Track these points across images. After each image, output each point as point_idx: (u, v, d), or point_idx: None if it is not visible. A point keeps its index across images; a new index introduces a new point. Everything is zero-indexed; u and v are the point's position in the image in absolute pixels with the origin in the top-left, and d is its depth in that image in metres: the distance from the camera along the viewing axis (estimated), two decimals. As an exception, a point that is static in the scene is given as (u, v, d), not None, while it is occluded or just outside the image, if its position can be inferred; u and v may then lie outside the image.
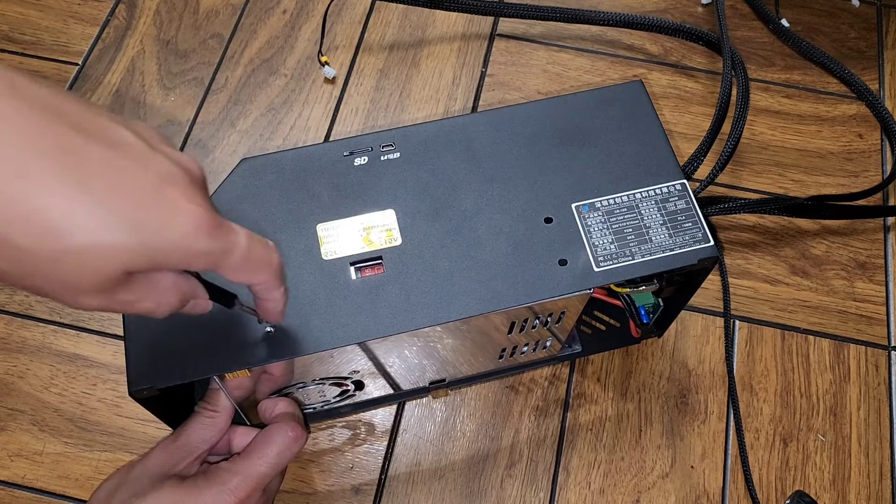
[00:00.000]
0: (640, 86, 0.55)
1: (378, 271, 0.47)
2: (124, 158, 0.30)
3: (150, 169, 0.30)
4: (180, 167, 0.32)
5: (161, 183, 0.30)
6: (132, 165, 0.30)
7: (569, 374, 0.61)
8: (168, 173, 0.31)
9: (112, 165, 0.29)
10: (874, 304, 0.65)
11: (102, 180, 0.29)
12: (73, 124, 0.29)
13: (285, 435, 0.46)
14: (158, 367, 0.43)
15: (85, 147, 0.29)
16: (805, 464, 0.59)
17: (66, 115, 0.29)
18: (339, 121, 0.72)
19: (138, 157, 0.30)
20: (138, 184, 0.30)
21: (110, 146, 0.30)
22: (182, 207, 0.31)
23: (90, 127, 0.30)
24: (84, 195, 0.28)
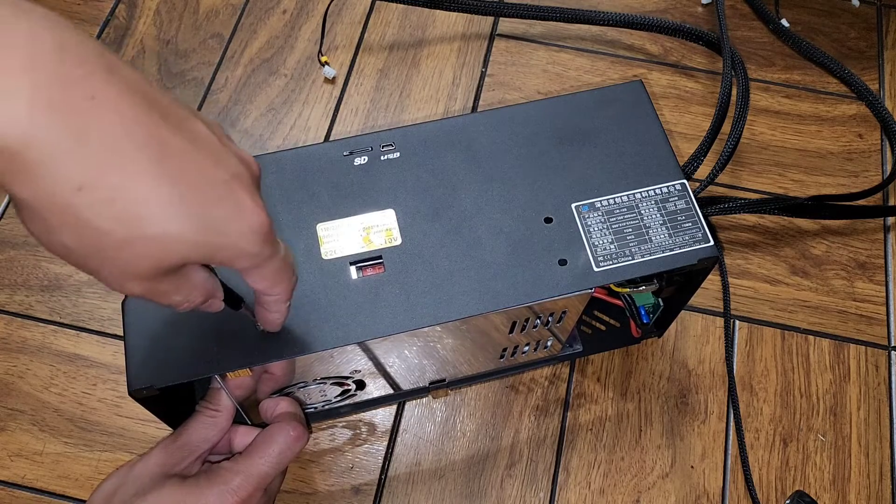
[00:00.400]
0: (640, 86, 0.55)
1: (378, 271, 0.47)
2: (201, 152, 0.30)
3: (221, 165, 0.31)
4: (244, 165, 0.33)
5: (231, 181, 0.31)
6: (208, 161, 0.30)
7: (569, 373, 0.61)
8: (237, 171, 0.32)
9: (191, 159, 0.30)
10: (874, 304, 0.65)
11: (183, 173, 0.29)
12: (161, 113, 0.29)
13: (287, 434, 0.46)
14: (158, 366, 0.43)
15: (171, 139, 0.29)
16: (805, 464, 0.59)
17: (156, 102, 0.29)
18: (339, 121, 0.72)
19: (213, 153, 0.31)
20: (212, 180, 0.30)
21: (190, 139, 0.30)
22: (247, 207, 0.31)
23: (174, 117, 0.30)
24: (166, 186, 0.29)
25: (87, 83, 0.27)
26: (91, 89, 0.27)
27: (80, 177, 0.27)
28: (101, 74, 0.27)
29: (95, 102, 0.27)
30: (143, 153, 0.28)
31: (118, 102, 0.28)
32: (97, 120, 0.27)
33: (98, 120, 0.27)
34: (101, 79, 0.27)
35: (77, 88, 0.27)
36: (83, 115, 0.27)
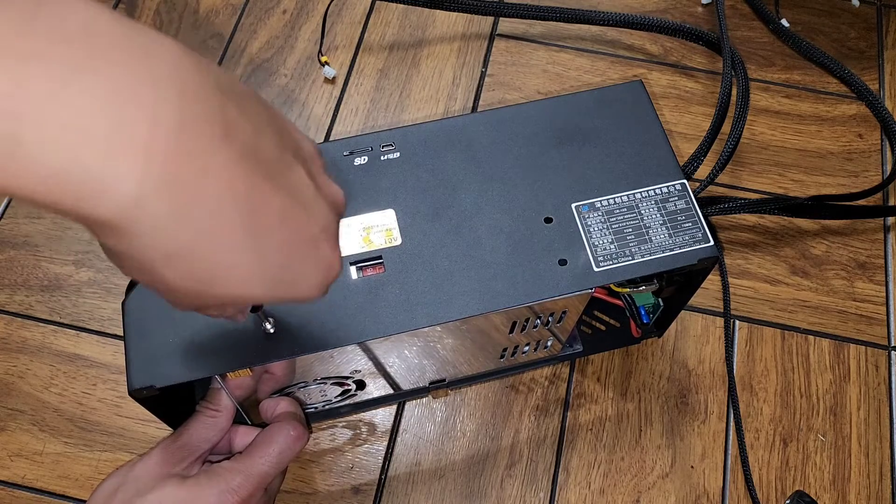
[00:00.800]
0: (640, 86, 0.55)
1: (378, 271, 0.47)
2: (296, 208, 0.29)
3: (312, 221, 0.30)
4: (334, 210, 0.32)
5: (318, 235, 0.30)
6: (301, 217, 0.29)
7: (569, 373, 0.61)
8: (325, 224, 0.31)
9: (285, 217, 0.29)
10: (874, 304, 0.65)
11: (272, 235, 0.28)
12: (267, 171, 0.28)
13: (287, 434, 0.46)
14: (159, 366, 0.43)
15: (271, 199, 0.28)
16: (805, 464, 0.59)
17: (265, 159, 0.28)
18: (339, 121, 0.72)
19: (307, 206, 0.30)
20: (301, 238, 0.30)
21: (289, 193, 0.29)
22: (325, 262, 0.31)
23: (278, 170, 0.29)
24: (253, 254, 0.28)
25: (202, 156, 0.25)
26: (205, 163, 0.25)
27: (172, 247, 0.26)
28: (218, 142, 0.26)
29: (207, 177, 0.25)
30: (240, 223, 0.27)
31: (230, 174, 0.26)
32: (204, 196, 0.26)
33: (205, 196, 0.26)
34: (216, 147, 0.26)
35: (191, 163, 0.25)
36: (191, 192, 0.25)
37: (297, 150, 0.31)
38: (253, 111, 0.28)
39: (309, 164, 0.31)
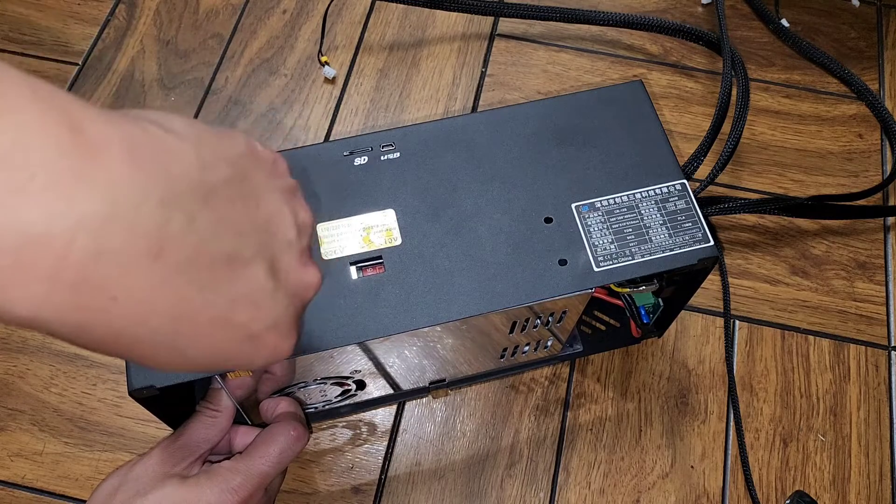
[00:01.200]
0: (640, 86, 0.55)
1: (378, 271, 0.47)
2: (236, 311, 0.27)
3: (258, 318, 0.28)
4: (298, 298, 0.31)
5: (262, 332, 0.29)
6: (241, 318, 0.28)
7: (569, 373, 0.61)
8: (276, 318, 0.29)
9: (217, 325, 0.27)
10: (874, 304, 0.65)
11: (197, 342, 0.27)
12: (202, 283, 0.26)
13: (287, 434, 0.46)
14: (159, 366, 0.43)
15: (200, 310, 0.26)
16: (805, 464, 0.59)
17: (204, 267, 0.26)
18: (339, 121, 0.72)
19: (255, 305, 0.28)
20: (235, 337, 0.28)
21: (229, 299, 0.27)
22: (266, 352, 0.30)
23: (220, 278, 0.27)
24: (172, 352, 0.27)
25: (119, 282, 0.23)
26: (119, 289, 0.23)
27: (86, 345, 0.25)
28: (144, 264, 0.24)
29: (117, 303, 0.24)
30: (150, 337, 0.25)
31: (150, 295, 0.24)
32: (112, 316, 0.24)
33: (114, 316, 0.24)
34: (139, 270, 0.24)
35: (101, 292, 0.23)
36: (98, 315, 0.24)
37: (265, 240, 0.29)
38: (219, 206, 0.26)
39: (279, 251, 0.30)
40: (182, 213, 0.25)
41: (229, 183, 0.27)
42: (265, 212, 0.29)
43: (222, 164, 0.28)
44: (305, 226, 0.32)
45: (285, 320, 0.30)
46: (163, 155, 0.25)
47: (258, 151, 0.31)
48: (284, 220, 0.30)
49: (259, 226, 0.29)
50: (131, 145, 0.24)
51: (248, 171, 0.29)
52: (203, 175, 0.26)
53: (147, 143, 0.24)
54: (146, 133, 0.25)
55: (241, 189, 0.28)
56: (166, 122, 0.26)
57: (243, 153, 0.30)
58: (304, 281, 0.31)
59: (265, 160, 0.31)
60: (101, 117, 0.23)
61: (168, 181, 0.24)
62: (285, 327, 0.30)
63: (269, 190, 0.30)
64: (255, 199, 0.29)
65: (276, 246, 0.30)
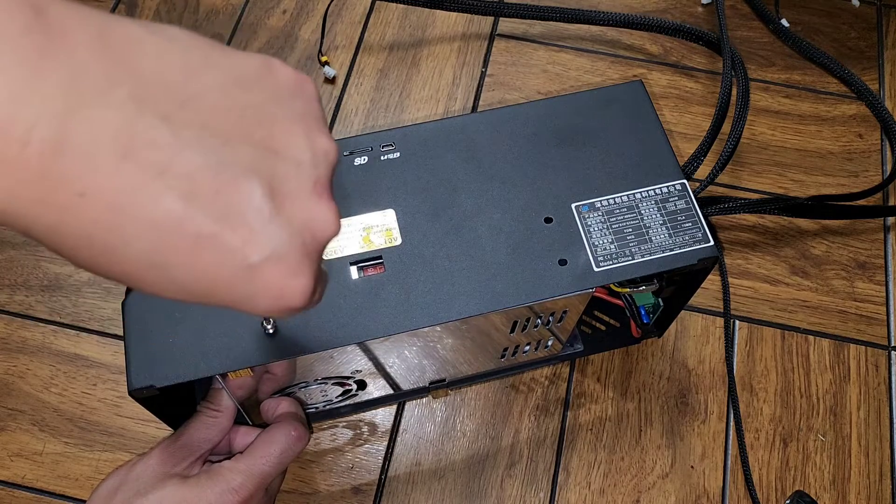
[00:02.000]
0: (640, 86, 0.55)
1: (379, 271, 0.47)
2: (224, 233, 0.24)
3: (251, 248, 0.25)
4: (303, 234, 0.27)
5: (258, 265, 0.25)
6: (229, 243, 0.25)
7: (569, 373, 0.61)
8: (273, 251, 0.26)
9: (203, 244, 0.24)
10: (874, 304, 0.65)
11: (182, 263, 0.25)
12: (186, 192, 0.24)
13: (288, 434, 0.46)
14: (159, 366, 0.43)
15: (183, 222, 0.24)
16: (805, 464, 0.59)
17: (183, 175, 0.24)
18: (339, 121, 0.72)
19: (251, 230, 0.25)
20: (226, 265, 0.25)
21: (218, 216, 0.24)
22: (270, 293, 0.26)
23: (207, 190, 0.24)
24: (156, 272, 0.25)
25: (79, 180, 0.22)
26: (80, 187, 0.22)
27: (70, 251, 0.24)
28: (114, 164, 0.22)
29: (85, 203, 0.22)
30: (135, 249, 0.24)
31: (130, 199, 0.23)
32: (85, 220, 0.23)
33: (85, 220, 0.23)
34: (108, 169, 0.22)
35: (63, 190, 0.22)
36: (73, 217, 0.23)
37: (263, 157, 0.26)
38: (203, 112, 0.24)
39: (283, 173, 0.26)
40: (154, 112, 0.23)
41: (223, 92, 0.25)
42: (268, 128, 0.26)
43: (215, 72, 0.25)
44: (324, 154, 0.28)
45: (291, 255, 0.26)
46: (137, 50, 0.23)
47: (278, 69, 0.28)
48: (294, 141, 0.27)
49: (258, 141, 0.26)
50: (99, 34, 0.22)
51: (254, 85, 0.27)
52: (187, 78, 0.24)
53: (120, 37, 0.23)
54: (120, 26, 0.23)
55: (239, 100, 0.26)
56: (154, 26, 0.25)
57: (255, 68, 0.27)
58: (316, 214, 0.27)
59: (285, 79, 0.28)
60: (68, 4, 0.22)
61: (140, 76, 0.23)
62: (293, 263, 0.26)
63: (280, 107, 0.27)
64: (256, 113, 0.26)
65: (279, 166, 0.26)
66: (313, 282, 0.27)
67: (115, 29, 0.23)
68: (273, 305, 0.27)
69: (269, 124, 0.26)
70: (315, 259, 0.27)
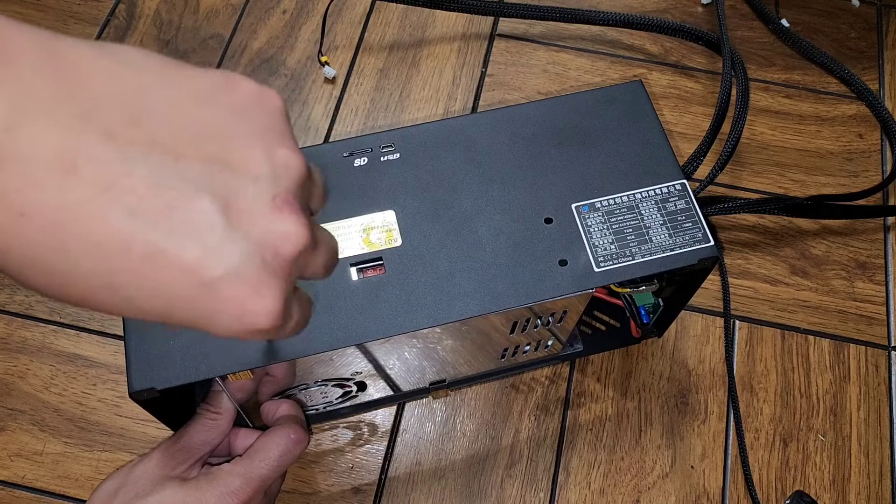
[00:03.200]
0: (640, 86, 0.55)
1: (379, 272, 0.47)
2: (175, 248, 0.24)
3: (207, 264, 0.24)
4: (268, 249, 0.25)
5: (216, 283, 0.24)
6: (180, 258, 0.24)
7: (569, 373, 0.61)
8: (232, 268, 0.25)
9: (153, 260, 0.24)
10: (874, 304, 0.65)
11: (132, 283, 0.24)
12: (131, 207, 0.23)
13: (287, 437, 0.46)
14: (159, 368, 0.43)
15: (131, 237, 0.23)
16: (805, 464, 0.59)
17: (130, 191, 0.23)
18: (339, 121, 0.72)
19: (204, 246, 0.24)
20: (180, 282, 0.24)
21: (168, 230, 0.24)
22: (232, 312, 0.25)
23: (158, 204, 0.24)
24: (108, 292, 0.24)
25: (20, 198, 0.22)
26: (21, 206, 0.22)
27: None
28: (65, 179, 0.22)
29: (27, 223, 0.22)
30: (84, 267, 0.23)
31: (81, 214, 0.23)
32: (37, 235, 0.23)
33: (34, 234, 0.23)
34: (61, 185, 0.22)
35: (3, 209, 0.22)
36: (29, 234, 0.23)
37: (217, 172, 0.25)
38: (153, 128, 0.24)
39: (239, 188, 0.25)
40: (100, 129, 0.22)
41: (177, 108, 0.25)
42: (224, 142, 0.25)
43: (170, 90, 0.25)
44: (285, 167, 0.27)
45: (251, 272, 0.25)
46: (86, 70, 0.23)
47: (238, 84, 0.27)
48: (251, 155, 0.26)
49: (212, 157, 0.25)
50: (49, 54, 0.22)
51: (211, 101, 0.26)
52: (139, 97, 0.24)
53: (70, 57, 0.23)
54: (71, 48, 0.23)
55: (193, 115, 0.25)
56: (108, 47, 0.25)
57: (213, 84, 0.27)
58: (276, 228, 0.26)
59: (246, 94, 0.27)
60: (19, 25, 0.22)
61: (87, 95, 0.23)
62: (252, 280, 0.25)
63: (239, 123, 0.26)
64: (211, 128, 0.25)
65: (234, 182, 0.25)
66: (281, 302, 0.26)
67: (66, 50, 0.23)
68: (236, 326, 0.26)
69: (225, 139, 0.25)
70: (282, 277, 0.26)
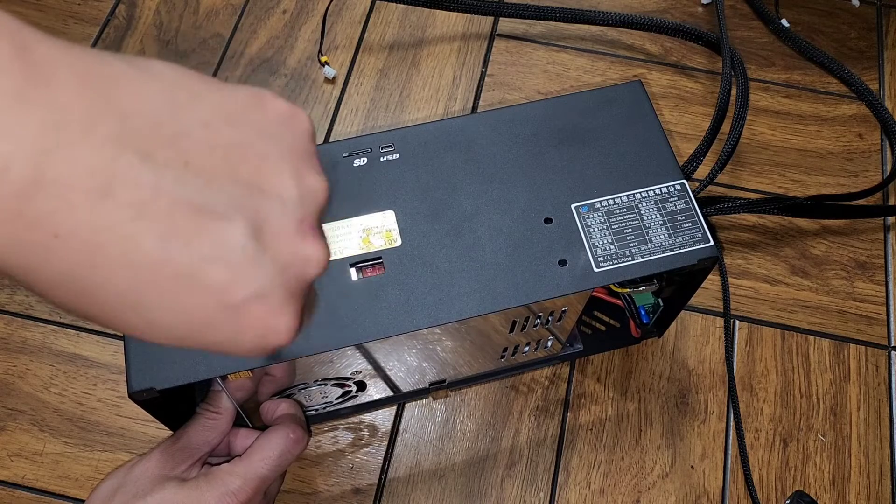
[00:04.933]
0: (640, 86, 0.55)
1: (378, 272, 0.47)
2: (204, 273, 0.24)
3: (237, 286, 0.25)
4: (294, 269, 0.26)
5: (243, 303, 0.25)
6: (212, 282, 0.24)
7: (569, 373, 0.61)
8: (260, 288, 0.25)
9: (181, 285, 0.24)
10: (874, 304, 0.65)
11: (161, 305, 0.24)
12: (164, 230, 0.23)
13: (287, 437, 0.46)
14: (159, 368, 0.43)
15: (161, 264, 0.23)
16: (805, 464, 0.59)
17: (163, 212, 0.23)
18: (339, 121, 0.72)
19: (232, 269, 0.24)
20: (209, 304, 0.25)
21: (197, 256, 0.24)
22: (255, 331, 0.26)
23: (188, 228, 0.24)
24: (135, 315, 0.25)
25: (55, 220, 0.22)
26: (56, 227, 0.22)
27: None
28: (94, 200, 0.22)
29: (60, 244, 0.22)
30: (111, 291, 0.24)
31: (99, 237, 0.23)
32: (57, 259, 0.23)
33: (58, 259, 0.23)
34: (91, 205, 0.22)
35: (37, 230, 0.22)
36: (42, 260, 0.23)
37: (249, 196, 0.25)
38: (188, 150, 0.24)
39: (269, 211, 0.25)
40: (136, 152, 0.22)
41: (209, 128, 0.25)
42: (255, 165, 0.26)
43: (202, 108, 0.25)
44: (312, 192, 0.27)
45: (276, 293, 0.26)
46: (121, 89, 0.23)
47: (269, 103, 0.27)
48: (281, 179, 0.26)
49: (243, 179, 0.25)
50: (83, 73, 0.22)
51: (242, 120, 0.26)
52: (172, 115, 0.24)
53: (103, 75, 0.23)
54: (105, 65, 0.23)
55: (225, 136, 0.25)
56: (139, 62, 0.25)
57: (244, 102, 0.27)
58: (301, 252, 0.26)
59: (276, 114, 0.27)
60: (53, 42, 0.22)
61: (122, 115, 0.22)
62: (276, 302, 0.26)
63: (269, 144, 0.26)
64: (243, 150, 0.25)
65: (264, 205, 0.25)
66: (298, 320, 0.27)
67: (99, 66, 0.23)
68: (258, 345, 0.26)
69: (255, 161, 0.26)
70: (300, 297, 0.27)
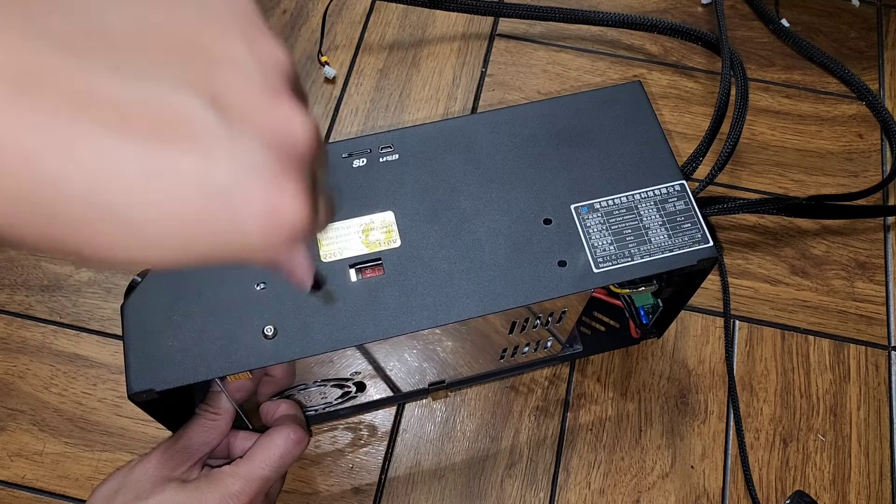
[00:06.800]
0: (639, 86, 0.55)
1: (378, 273, 0.47)
2: (187, 147, 0.21)
3: (217, 168, 0.21)
4: (271, 143, 0.23)
5: (231, 188, 0.22)
6: (185, 167, 0.21)
7: (569, 374, 0.61)
8: (246, 168, 0.22)
9: (152, 173, 0.21)
10: (874, 304, 0.65)
11: (137, 199, 0.21)
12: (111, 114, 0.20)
13: (287, 438, 0.46)
14: (158, 369, 0.43)
15: (121, 148, 0.20)
16: (805, 464, 0.59)
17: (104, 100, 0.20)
18: (339, 121, 0.72)
19: (205, 150, 0.21)
20: (191, 194, 0.21)
21: (162, 137, 0.21)
22: (256, 219, 0.22)
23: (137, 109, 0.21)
24: (110, 223, 0.21)
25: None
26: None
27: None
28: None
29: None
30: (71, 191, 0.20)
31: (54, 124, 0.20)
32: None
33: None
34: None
35: None
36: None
37: (192, 61, 0.22)
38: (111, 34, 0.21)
39: (225, 78, 0.22)
40: (56, 41, 0.20)
41: (135, 8, 0.22)
42: (196, 39, 0.23)
43: None
44: (271, 57, 0.24)
45: (265, 166, 0.22)
46: None
47: None
48: (229, 43, 0.23)
49: (184, 53, 0.22)
50: None
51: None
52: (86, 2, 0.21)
53: None
54: None
55: (155, 12, 0.22)
56: None
57: None
58: (277, 118, 0.23)
59: None
60: None
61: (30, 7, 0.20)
62: (269, 175, 0.22)
63: (206, 13, 0.23)
64: (176, 24, 0.22)
65: (217, 73, 0.22)
66: (304, 192, 0.23)
67: None
68: (268, 231, 0.23)
69: (194, 31, 0.23)
70: (299, 170, 0.23)
